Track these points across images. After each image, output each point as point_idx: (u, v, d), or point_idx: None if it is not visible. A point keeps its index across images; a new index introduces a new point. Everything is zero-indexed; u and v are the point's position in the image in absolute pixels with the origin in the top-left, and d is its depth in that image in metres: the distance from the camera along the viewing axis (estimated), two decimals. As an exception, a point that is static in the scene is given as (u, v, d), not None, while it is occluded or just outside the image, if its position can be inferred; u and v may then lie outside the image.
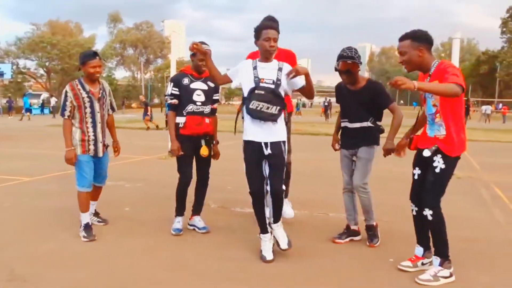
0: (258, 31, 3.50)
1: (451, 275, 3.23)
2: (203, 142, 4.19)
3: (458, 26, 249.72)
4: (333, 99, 4.96)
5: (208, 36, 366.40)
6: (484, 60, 62.80)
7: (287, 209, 4.43)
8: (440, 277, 3.18)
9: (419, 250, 3.46)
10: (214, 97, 4.29)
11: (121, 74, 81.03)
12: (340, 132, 4.17)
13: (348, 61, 3.77)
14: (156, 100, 70.21)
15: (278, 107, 3.48)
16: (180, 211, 4.33)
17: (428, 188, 3.25)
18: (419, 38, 3.14)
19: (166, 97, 4.35)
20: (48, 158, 9.58)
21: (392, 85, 2.84)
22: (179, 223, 4.30)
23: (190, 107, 4.13)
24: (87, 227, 4.05)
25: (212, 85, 4.23)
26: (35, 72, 58.00)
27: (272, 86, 3.50)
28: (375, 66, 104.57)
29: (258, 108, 3.46)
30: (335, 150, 4.25)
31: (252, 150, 3.56)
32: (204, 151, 4.17)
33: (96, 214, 4.51)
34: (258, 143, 3.53)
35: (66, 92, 4.02)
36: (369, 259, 3.68)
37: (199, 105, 4.16)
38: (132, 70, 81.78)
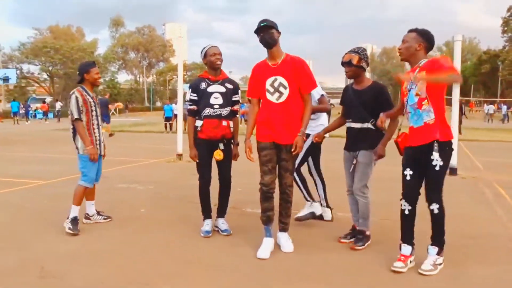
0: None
1: (442, 261, 3.47)
2: (221, 145, 4.17)
3: (459, 25, 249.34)
4: (336, 101, 5.12)
5: (209, 38, 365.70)
6: (485, 59, 62.68)
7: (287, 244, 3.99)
8: (438, 265, 3.42)
9: (407, 249, 3.51)
10: (233, 99, 4.26)
11: (123, 78, 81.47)
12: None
13: (351, 54, 4.02)
14: (158, 103, 70.44)
15: None
16: (205, 213, 4.40)
17: (431, 186, 3.38)
18: (424, 36, 3.44)
19: (186, 103, 4.44)
20: (58, 161, 9.80)
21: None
22: (208, 225, 4.35)
23: (207, 111, 4.15)
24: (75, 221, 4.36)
25: (230, 87, 4.23)
26: (39, 77, 58.47)
27: None
28: (377, 67, 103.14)
29: None
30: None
31: None
32: (217, 155, 4.14)
33: (98, 213, 4.80)
34: None
35: (76, 97, 4.34)
36: (370, 258, 3.76)
37: (217, 108, 4.14)
38: (134, 74, 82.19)
